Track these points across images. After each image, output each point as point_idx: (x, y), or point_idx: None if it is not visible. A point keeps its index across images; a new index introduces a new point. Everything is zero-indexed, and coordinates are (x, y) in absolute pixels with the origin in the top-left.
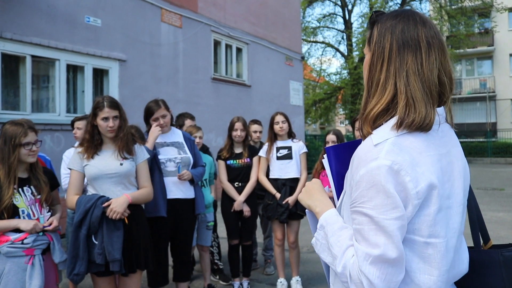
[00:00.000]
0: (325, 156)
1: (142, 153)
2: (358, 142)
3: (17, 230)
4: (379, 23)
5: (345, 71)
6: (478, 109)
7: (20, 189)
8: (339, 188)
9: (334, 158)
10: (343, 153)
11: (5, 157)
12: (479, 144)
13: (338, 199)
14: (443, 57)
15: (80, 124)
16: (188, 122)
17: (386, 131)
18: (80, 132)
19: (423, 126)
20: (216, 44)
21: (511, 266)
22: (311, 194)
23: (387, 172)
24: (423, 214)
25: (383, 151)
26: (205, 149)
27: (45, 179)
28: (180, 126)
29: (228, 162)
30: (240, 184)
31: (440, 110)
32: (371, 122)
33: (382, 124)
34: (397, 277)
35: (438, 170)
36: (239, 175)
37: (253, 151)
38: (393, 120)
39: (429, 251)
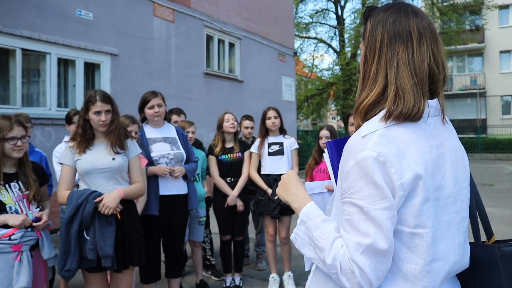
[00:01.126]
0: (325, 150)
1: (134, 148)
2: None
3: (5, 226)
4: (372, 17)
5: (337, 67)
6: (469, 105)
7: (7, 185)
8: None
9: (335, 151)
10: (342, 148)
11: None
12: (469, 140)
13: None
14: (435, 47)
15: (77, 118)
16: (174, 118)
17: (374, 123)
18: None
19: (411, 116)
20: (209, 39)
21: (509, 262)
22: (287, 188)
23: (373, 163)
24: (409, 205)
25: (370, 142)
26: (198, 144)
27: (33, 176)
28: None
29: (220, 157)
30: (232, 179)
31: (433, 102)
32: (362, 115)
33: (372, 116)
34: (386, 266)
35: (427, 161)
36: (231, 170)
37: (245, 145)
38: (382, 112)
39: (416, 241)
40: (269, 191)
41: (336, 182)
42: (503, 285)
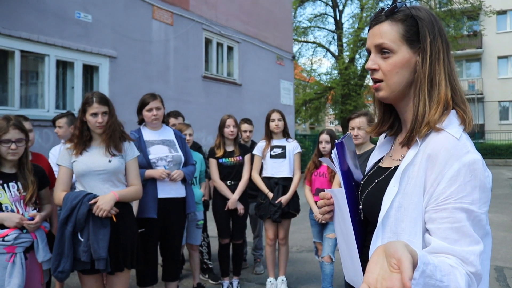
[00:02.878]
0: (333, 151)
1: (131, 151)
2: (349, 136)
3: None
4: (423, 22)
5: (336, 71)
6: None
7: (5, 185)
8: (348, 182)
9: (341, 153)
10: (344, 150)
11: None
12: None
13: (346, 192)
14: None
15: (61, 122)
16: (171, 121)
17: (457, 126)
18: (61, 130)
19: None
20: (207, 42)
21: None
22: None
23: (482, 166)
24: None
25: (468, 145)
26: (197, 147)
27: (32, 177)
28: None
29: (220, 160)
30: (232, 182)
31: None
32: (436, 121)
33: (441, 121)
34: None
35: None
36: (231, 173)
37: (245, 148)
38: (454, 114)
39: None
40: (270, 195)
41: (344, 184)
42: None
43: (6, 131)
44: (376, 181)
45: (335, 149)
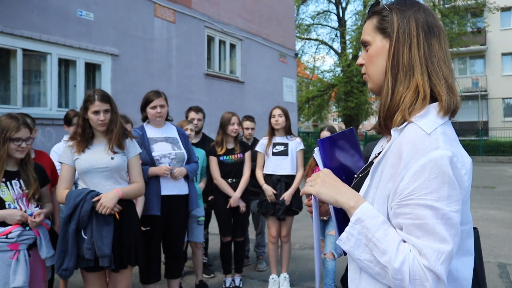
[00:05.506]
0: (315, 149)
1: (134, 148)
2: (346, 133)
3: (2, 224)
4: (397, 11)
5: (339, 69)
6: (470, 107)
7: (8, 182)
8: None
9: (329, 150)
10: (335, 145)
11: None
12: (470, 142)
13: None
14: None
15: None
16: (191, 115)
17: (432, 119)
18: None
19: (456, 113)
20: (210, 40)
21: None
22: (336, 187)
23: (450, 163)
24: None
25: (440, 140)
26: (208, 140)
27: (34, 174)
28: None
29: (221, 158)
30: (233, 180)
31: None
32: (408, 109)
33: (415, 110)
34: None
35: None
36: (232, 171)
37: (245, 146)
38: (434, 107)
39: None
40: (267, 189)
41: None
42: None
43: (18, 129)
44: (360, 175)
45: (317, 147)
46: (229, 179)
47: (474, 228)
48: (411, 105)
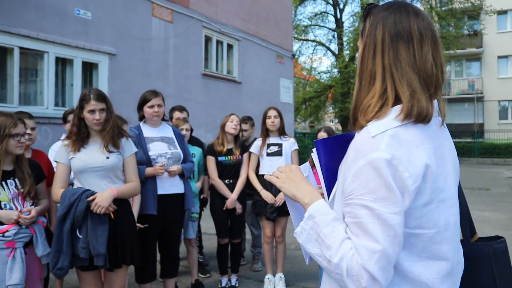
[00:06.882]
0: (313, 150)
1: (129, 147)
2: (347, 135)
3: None
4: (372, 15)
5: (336, 70)
6: (466, 110)
7: (3, 182)
8: (329, 182)
9: (324, 151)
10: (332, 147)
11: None
12: (466, 144)
13: (328, 194)
14: (435, 49)
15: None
16: (176, 114)
17: (384, 123)
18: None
19: (424, 118)
20: (207, 40)
21: (500, 258)
22: (296, 183)
23: (387, 166)
24: (412, 207)
25: (382, 143)
26: (199, 144)
27: (29, 171)
28: (170, 119)
29: (220, 158)
30: (231, 181)
31: (435, 104)
32: (364, 113)
33: (374, 115)
34: (392, 269)
35: (433, 164)
36: (230, 172)
37: (244, 147)
38: (395, 111)
39: (412, 240)
40: (264, 192)
41: (325, 185)
42: (495, 279)
43: (15, 124)
44: None
45: (314, 148)
46: (226, 180)
47: (501, 238)
48: (371, 110)
